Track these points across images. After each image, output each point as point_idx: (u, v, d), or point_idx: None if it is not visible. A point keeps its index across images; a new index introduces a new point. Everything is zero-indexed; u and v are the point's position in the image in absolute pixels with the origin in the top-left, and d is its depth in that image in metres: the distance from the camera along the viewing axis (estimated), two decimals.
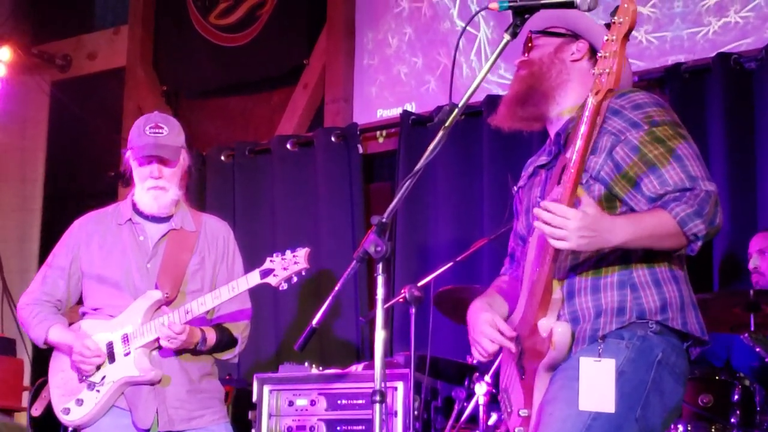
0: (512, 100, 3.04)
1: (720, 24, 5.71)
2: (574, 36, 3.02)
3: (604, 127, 2.82)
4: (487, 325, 2.97)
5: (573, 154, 2.64)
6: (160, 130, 4.02)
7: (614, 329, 2.77)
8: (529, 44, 3.04)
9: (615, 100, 2.84)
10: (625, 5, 2.59)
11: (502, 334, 2.94)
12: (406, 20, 6.82)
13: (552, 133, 3.04)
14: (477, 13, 2.88)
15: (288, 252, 3.89)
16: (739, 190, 5.36)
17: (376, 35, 6.95)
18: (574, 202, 2.66)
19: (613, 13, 2.61)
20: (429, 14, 6.72)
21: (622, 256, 2.81)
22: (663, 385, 2.78)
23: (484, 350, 2.98)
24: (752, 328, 4.49)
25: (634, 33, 2.62)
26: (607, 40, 2.59)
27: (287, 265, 3.87)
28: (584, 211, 2.62)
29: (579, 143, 2.62)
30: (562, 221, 2.61)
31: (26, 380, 6.62)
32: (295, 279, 3.88)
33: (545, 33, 3.04)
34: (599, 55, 2.63)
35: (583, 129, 2.62)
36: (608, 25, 2.62)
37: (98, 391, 3.93)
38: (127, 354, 3.93)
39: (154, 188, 4.02)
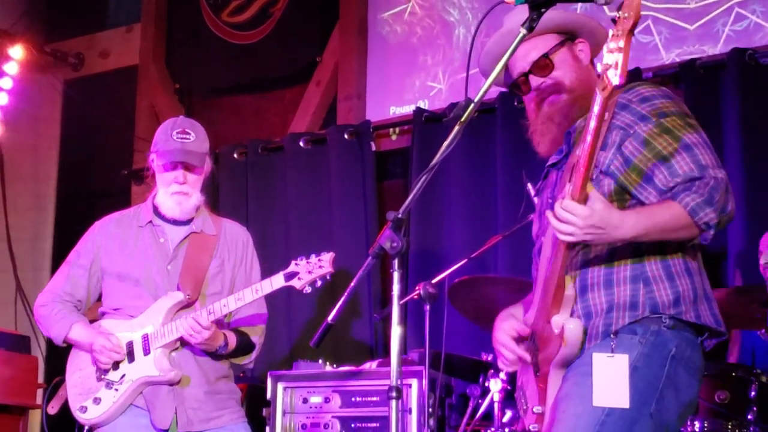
0: (559, 126, 3.00)
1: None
2: (572, 38, 3.04)
3: (613, 123, 2.82)
4: (505, 336, 3.02)
5: (582, 150, 2.63)
6: (188, 136, 4.01)
7: (627, 323, 2.77)
8: (546, 65, 3.00)
9: (623, 95, 2.85)
10: None
11: (519, 336, 2.97)
12: (418, 17, 6.80)
13: None
14: (493, 7, 2.85)
15: (313, 256, 3.89)
16: (754, 185, 5.32)
17: (388, 32, 6.93)
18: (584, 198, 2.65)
19: (619, 8, 2.59)
20: (441, 10, 6.71)
21: (635, 250, 2.81)
22: (677, 379, 2.77)
23: (505, 361, 3.05)
24: None
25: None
26: (613, 35, 2.56)
27: (312, 269, 3.86)
28: (592, 208, 2.61)
29: (588, 139, 2.61)
30: (569, 217, 2.61)
31: (40, 377, 6.62)
32: (319, 283, 3.88)
33: (557, 46, 3.02)
34: (605, 50, 2.58)
35: (591, 125, 2.61)
36: (614, 20, 2.60)
37: (116, 390, 3.94)
38: (147, 354, 3.93)
39: (177, 193, 4.03)
